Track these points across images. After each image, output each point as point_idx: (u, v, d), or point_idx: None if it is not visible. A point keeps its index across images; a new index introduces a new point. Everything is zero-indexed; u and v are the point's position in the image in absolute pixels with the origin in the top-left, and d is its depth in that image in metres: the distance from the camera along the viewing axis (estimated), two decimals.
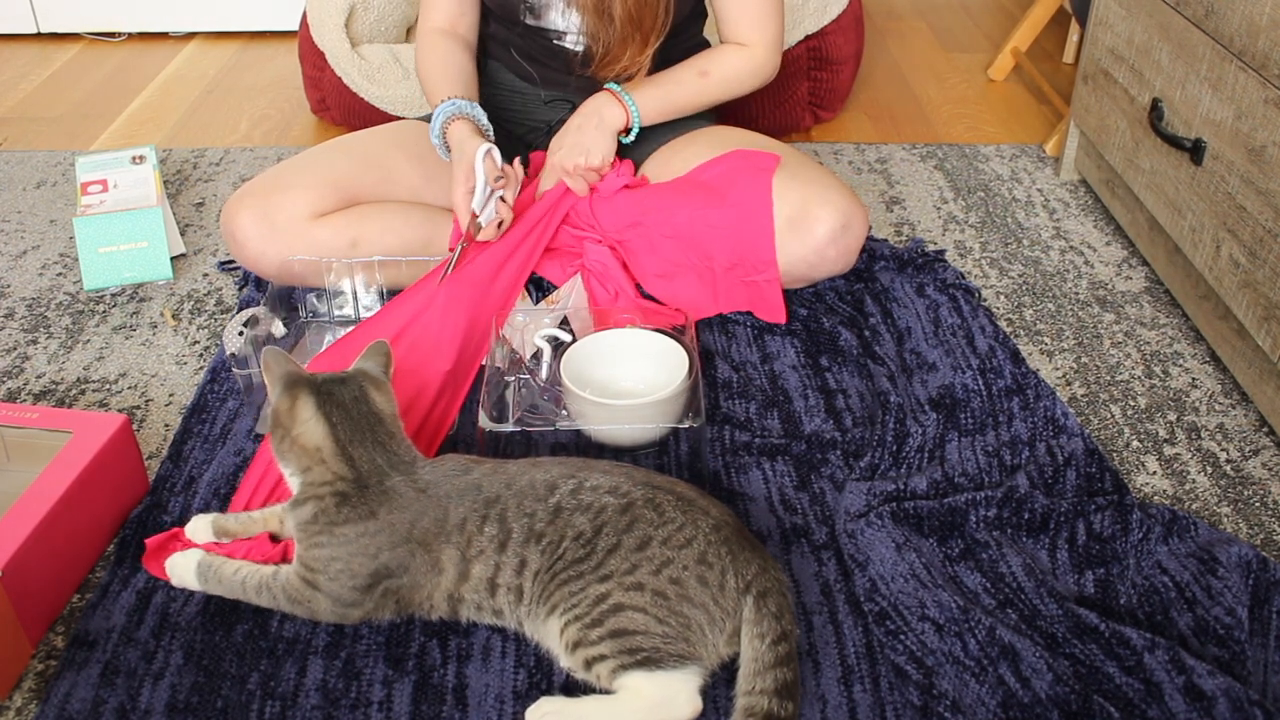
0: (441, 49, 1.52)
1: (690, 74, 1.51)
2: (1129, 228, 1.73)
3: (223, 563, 1.07)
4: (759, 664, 0.93)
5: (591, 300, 1.49)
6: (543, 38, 1.53)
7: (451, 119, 1.44)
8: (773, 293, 1.46)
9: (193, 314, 1.58)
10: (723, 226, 1.43)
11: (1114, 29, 1.73)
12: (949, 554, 1.12)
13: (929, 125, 2.21)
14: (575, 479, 1.03)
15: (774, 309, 1.47)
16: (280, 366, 1.05)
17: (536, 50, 1.56)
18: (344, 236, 1.45)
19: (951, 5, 2.93)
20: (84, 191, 1.72)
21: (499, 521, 1.00)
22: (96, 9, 2.66)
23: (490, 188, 1.39)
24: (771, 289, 1.45)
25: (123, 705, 0.99)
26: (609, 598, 0.95)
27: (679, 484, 1.05)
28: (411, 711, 0.98)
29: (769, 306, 1.47)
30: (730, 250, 1.44)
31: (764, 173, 1.43)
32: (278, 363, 1.05)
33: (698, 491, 1.05)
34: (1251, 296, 1.33)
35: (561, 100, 1.60)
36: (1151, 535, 1.12)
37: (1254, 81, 1.32)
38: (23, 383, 1.44)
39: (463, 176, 1.38)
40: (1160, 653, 0.97)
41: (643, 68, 1.46)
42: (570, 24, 1.50)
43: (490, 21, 1.60)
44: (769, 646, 0.94)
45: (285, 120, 2.26)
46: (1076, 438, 1.27)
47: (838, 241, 1.43)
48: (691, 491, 1.04)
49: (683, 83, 1.51)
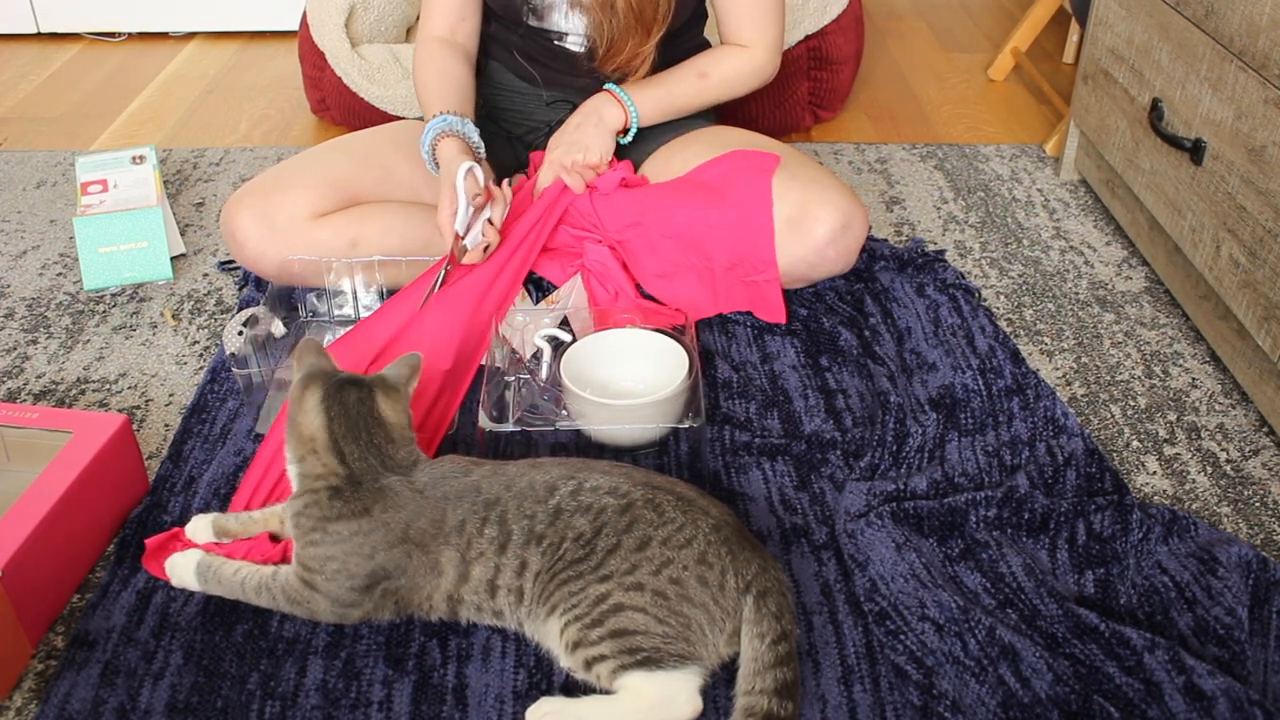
0: (439, 59, 1.51)
1: (689, 74, 1.52)
2: (1129, 228, 1.73)
3: (222, 563, 1.07)
4: (759, 664, 0.93)
5: (591, 300, 1.49)
6: (544, 38, 1.53)
7: (441, 135, 1.42)
8: (773, 293, 1.46)
9: (193, 314, 1.58)
10: (722, 226, 1.43)
11: (1114, 29, 1.73)
12: (949, 554, 1.12)
13: (929, 125, 2.21)
14: (575, 480, 1.03)
15: (774, 309, 1.47)
16: (309, 357, 1.08)
17: (538, 51, 1.56)
18: (344, 236, 1.45)
19: (951, 5, 2.93)
20: (84, 191, 1.72)
21: (499, 524, 1.00)
22: (96, 9, 2.66)
23: (472, 207, 1.36)
24: (771, 289, 1.45)
25: (123, 705, 0.99)
26: (609, 598, 0.95)
27: (679, 484, 1.05)
28: (411, 711, 0.98)
29: (769, 306, 1.47)
30: (730, 250, 1.44)
31: (764, 173, 1.43)
32: (308, 352, 1.08)
33: (697, 491, 1.05)
34: (1251, 296, 1.33)
35: (563, 101, 1.60)
36: (1151, 535, 1.12)
37: (1254, 81, 1.32)
38: (23, 383, 1.44)
39: (448, 198, 1.36)
40: (1160, 653, 0.97)
41: (645, 60, 1.46)
42: (573, 25, 1.50)
43: (491, 22, 1.59)
44: (769, 646, 0.94)
45: (285, 120, 2.26)
46: (1076, 438, 1.27)
47: (837, 242, 1.43)
48: (691, 491, 1.04)
49: (682, 82, 1.52)
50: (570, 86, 1.58)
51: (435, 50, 1.52)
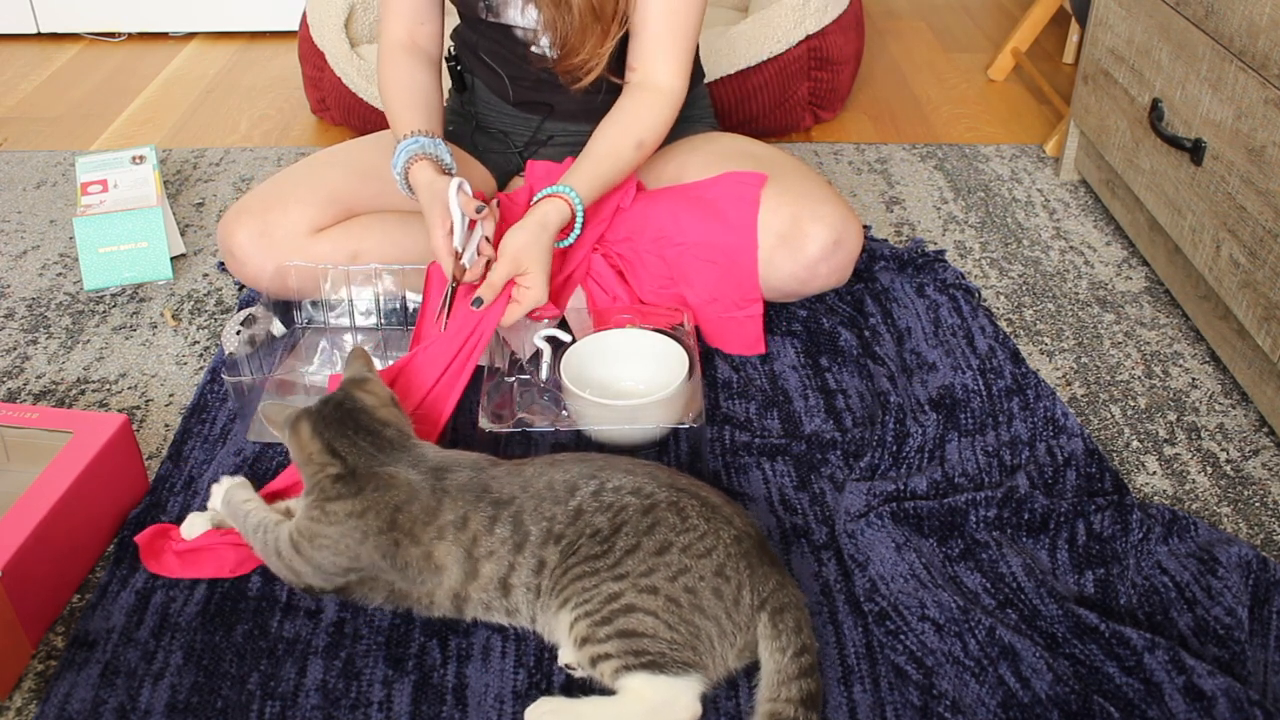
0: (404, 70, 1.47)
1: (627, 146, 1.42)
2: (1129, 228, 1.73)
3: (245, 495, 1.12)
4: (782, 675, 0.94)
5: (590, 301, 1.49)
6: (502, 34, 1.49)
7: (415, 159, 1.37)
8: (753, 326, 1.45)
9: (193, 314, 1.58)
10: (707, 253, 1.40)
11: (1114, 29, 1.73)
12: (949, 554, 1.12)
13: (929, 125, 2.21)
14: (597, 479, 1.03)
15: (753, 342, 1.45)
16: (280, 414, 1.11)
17: (501, 51, 1.51)
18: (344, 250, 1.44)
19: (951, 5, 2.93)
20: (84, 191, 1.72)
21: (513, 523, 1.00)
22: (96, 9, 2.66)
23: (468, 219, 1.30)
24: (753, 323, 1.45)
25: (123, 705, 0.99)
26: (621, 597, 0.95)
27: (704, 487, 1.04)
28: (411, 711, 0.98)
29: (748, 340, 1.45)
30: (714, 282, 1.41)
31: (751, 202, 1.40)
32: (277, 412, 1.11)
33: (723, 498, 1.04)
34: (1251, 296, 1.33)
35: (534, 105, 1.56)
36: (1151, 535, 1.12)
37: (1254, 81, 1.32)
38: (23, 383, 1.44)
39: (439, 219, 1.30)
40: (1160, 653, 0.97)
41: (602, 62, 1.41)
42: (528, 19, 1.45)
43: (463, 26, 1.57)
44: (791, 659, 0.94)
45: (285, 120, 2.26)
46: (1076, 438, 1.27)
47: (829, 258, 1.41)
48: (716, 497, 1.03)
49: (619, 158, 1.42)
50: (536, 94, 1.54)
51: (399, 59, 1.48)
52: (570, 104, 1.53)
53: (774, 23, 2.04)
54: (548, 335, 1.38)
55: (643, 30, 1.41)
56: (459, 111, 1.64)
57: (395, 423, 1.09)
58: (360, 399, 1.09)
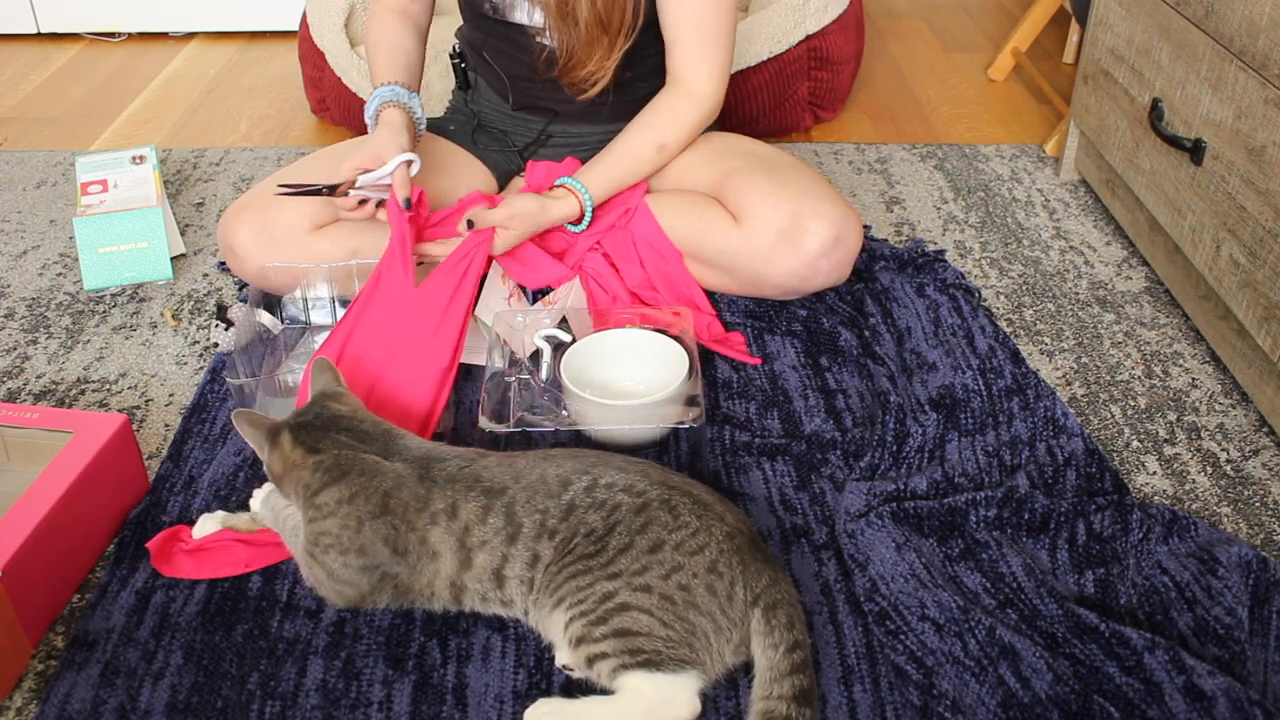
0: (391, 30, 1.51)
1: (648, 147, 1.46)
2: (1129, 228, 1.73)
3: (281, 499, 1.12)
4: (775, 672, 0.93)
5: (590, 301, 1.49)
6: (508, 31, 1.50)
7: (387, 104, 1.42)
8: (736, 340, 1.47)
9: (193, 314, 1.58)
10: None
11: (1114, 29, 1.73)
12: (949, 554, 1.12)
13: (929, 125, 2.21)
14: (590, 475, 1.03)
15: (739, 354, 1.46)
16: (256, 425, 1.09)
17: (503, 49, 1.52)
18: (345, 246, 1.44)
19: (951, 5, 2.93)
20: (84, 191, 1.72)
21: (505, 514, 1.00)
22: (96, 9, 2.66)
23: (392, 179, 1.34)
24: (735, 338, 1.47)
25: (123, 705, 0.99)
26: (615, 596, 0.95)
27: (695, 485, 1.04)
28: (411, 711, 0.98)
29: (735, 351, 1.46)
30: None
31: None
32: (252, 422, 1.09)
33: (714, 495, 1.04)
34: (1251, 296, 1.33)
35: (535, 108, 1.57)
36: (1151, 535, 1.12)
37: (1254, 81, 1.32)
38: (23, 383, 1.44)
39: (369, 155, 1.34)
40: (1160, 653, 0.97)
41: (608, 74, 1.42)
42: (535, 20, 1.46)
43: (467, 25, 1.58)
44: (783, 655, 0.94)
45: (285, 120, 2.26)
46: (1076, 438, 1.27)
47: (830, 254, 1.42)
48: (708, 495, 1.03)
49: (638, 158, 1.46)
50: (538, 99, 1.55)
51: (389, 20, 1.52)
52: (572, 108, 1.53)
53: (773, 23, 2.04)
54: (548, 335, 1.38)
55: (674, 34, 1.43)
56: (461, 109, 1.64)
57: (372, 421, 1.09)
58: (335, 409, 1.09)
